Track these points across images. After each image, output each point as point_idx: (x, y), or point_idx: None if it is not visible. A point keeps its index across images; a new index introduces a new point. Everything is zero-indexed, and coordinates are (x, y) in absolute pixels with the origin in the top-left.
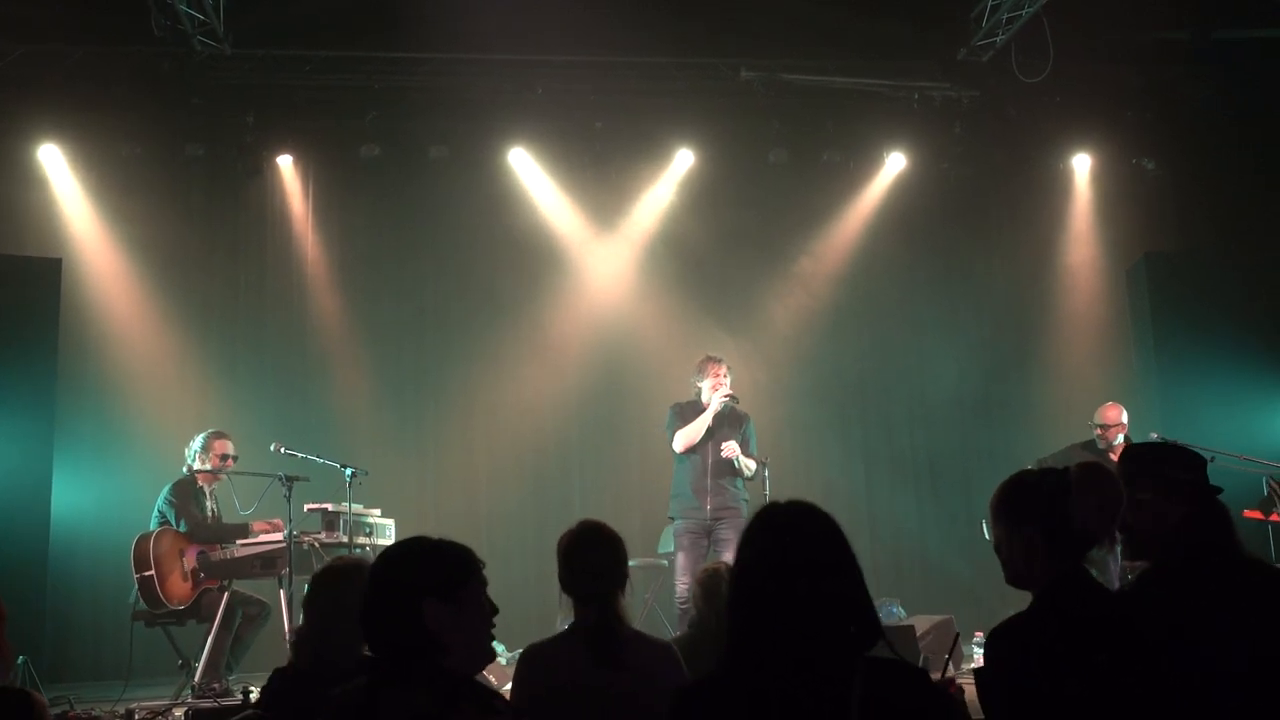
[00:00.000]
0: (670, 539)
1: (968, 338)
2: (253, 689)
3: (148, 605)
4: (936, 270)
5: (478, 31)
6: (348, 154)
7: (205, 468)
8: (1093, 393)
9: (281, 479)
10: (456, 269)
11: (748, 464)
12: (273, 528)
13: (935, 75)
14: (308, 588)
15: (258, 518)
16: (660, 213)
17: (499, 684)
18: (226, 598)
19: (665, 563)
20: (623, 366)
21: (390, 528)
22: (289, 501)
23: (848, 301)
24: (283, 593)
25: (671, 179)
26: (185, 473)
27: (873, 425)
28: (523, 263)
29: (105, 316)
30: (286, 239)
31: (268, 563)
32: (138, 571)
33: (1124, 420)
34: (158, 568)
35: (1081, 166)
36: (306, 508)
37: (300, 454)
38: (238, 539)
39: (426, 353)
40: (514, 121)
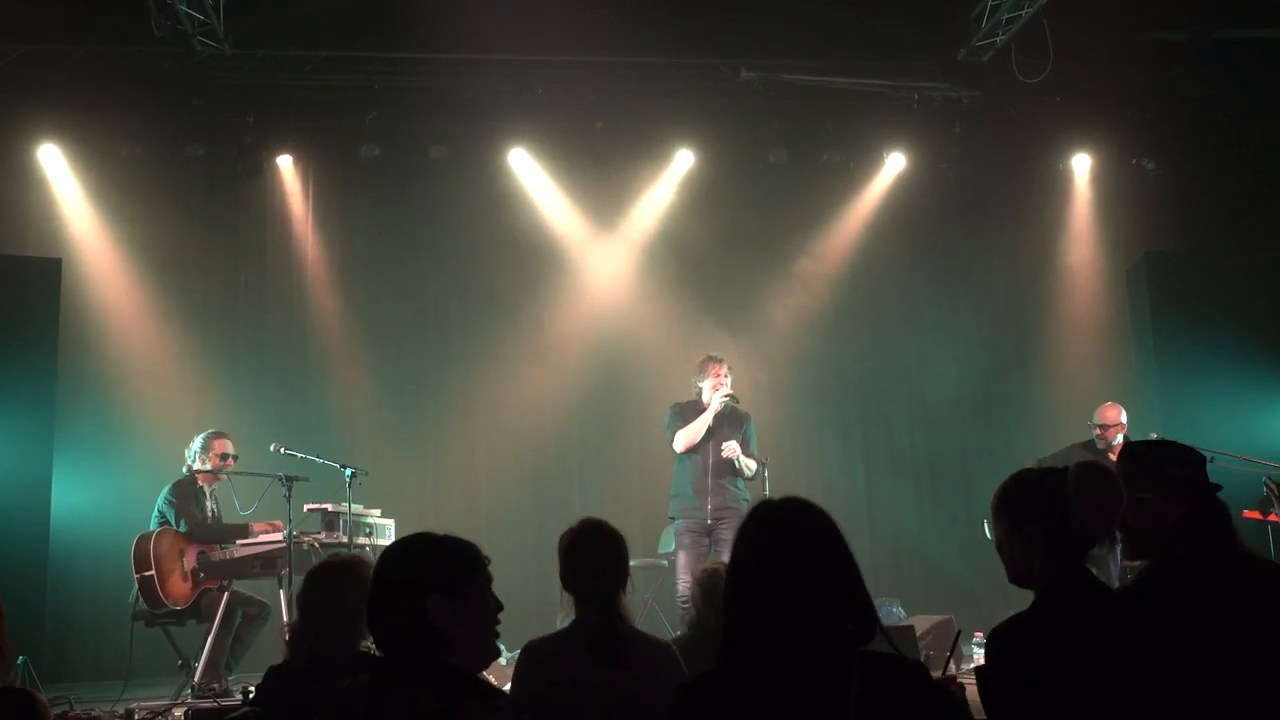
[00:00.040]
0: (670, 539)
1: (968, 338)
2: (252, 689)
3: (148, 605)
4: (936, 270)
5: (478, 32)
6: (348, 154)
7: (205, 468)
8: (1093, 393)
9: (281, 479)
10: (456, 269)
11: (748, 464)
12: (273, 529)
13: (935, 75)
14: (302, 584)
15: (258, 518)
16: (660, 213)
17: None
18: (226, 598)
19: (665, 563)
20: (623, 366)
21: (390, 528)
22: (289, 502)
23: (848, 301)
24: (283, 593)
25: (671, 179)
26: (185, 473)
27: (873, 425)
28: (523, 263)
29: (105, 316)
30: (286, 239)
31: (268, 563)
32: (138, 571)
33: (1123, 420)
34: (158, 567)
35: (1081, 166)
36: (306, 508)
37: (300, 454)
38: (238, 539)
39: (426, 353)
40: (514, 122)
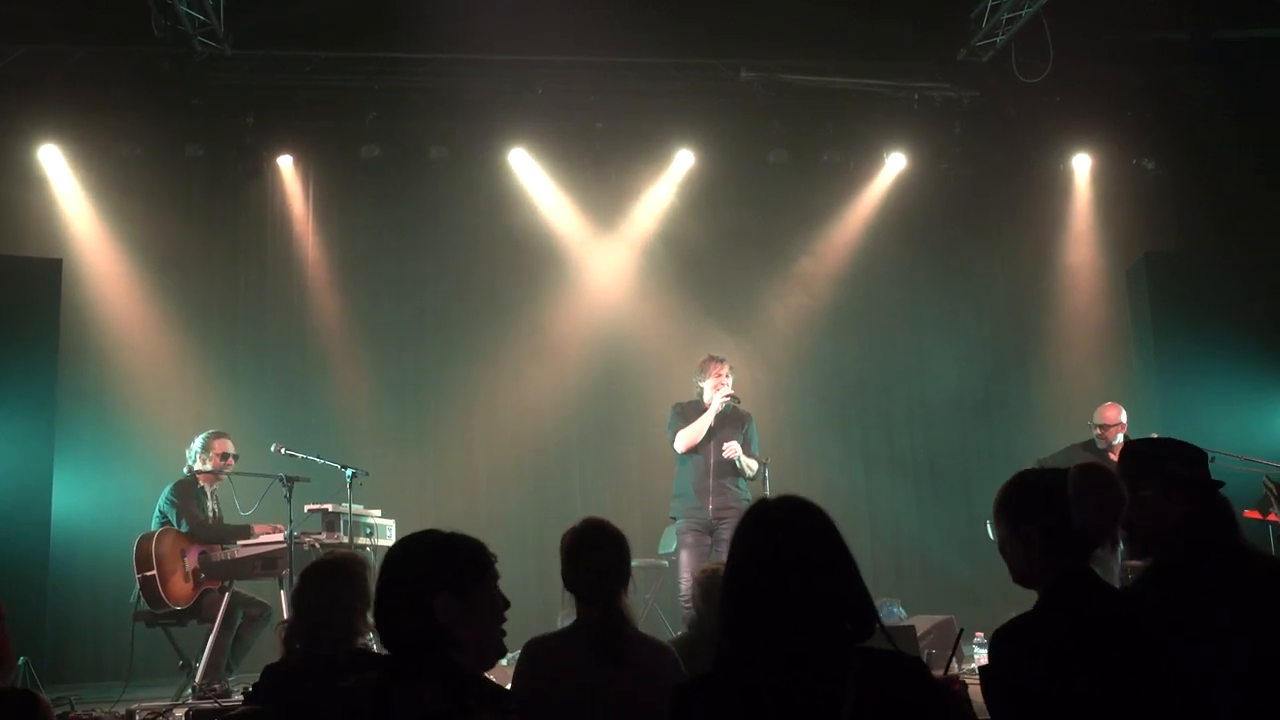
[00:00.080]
0: (671, 539)
1: (968, 338)
2: (252, 689)
3: (149, 605)
4: (936, 270)
5: (478, 32)
6: (348, 155)
7: (206, 468)
8: (1093, 393)
9: (282, 480)
10: (456, 269)
11: (749, 464)
12: (274, 530)
13: (935, 75)
14: (297, 582)
15: (258, 518)
16: (660, 213)
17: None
18: (228, 598)
19: (666, 563)
20: (623, 366)
21: (391, 528)
22: (289, 502)
23: (848, 301)
24: (284, 594)
25: (672, 179)
26: (186, 473)
27: (873, 425)
28: (523, 263)
29: (105, 317)
30: (287, 239)
31: (268, 563)
32: (140, 571)
33: (1123, 420)
34: (160, 568)
35: (1081, 166)
36: (307, 508)
37: (301, 455)
38: (239, 540)
39: (426, 353)
40: (514, 122)
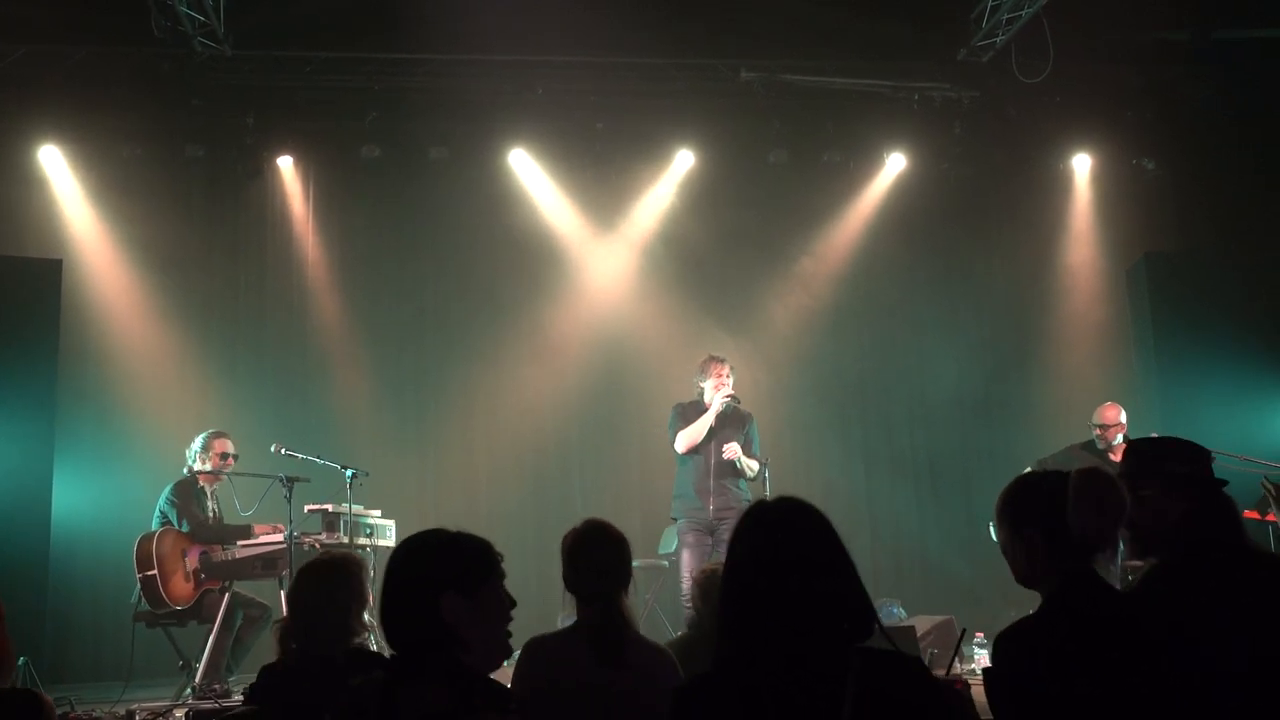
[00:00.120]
0: (671, 539)
1: (968, 338)
2: None
3: (150, 605)
4: (936, 270)
5: (478, 32)
6: (348, 155)
7: (205, 468)
8: (1093, 393)
9: (282, 480)
10: (456, 270)
11: (750, 464)
12: (274, 531)
13: (935, 76)
14: (293, 582)
15: (258, 519)
16: (660, 213)
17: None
18: (228, 599)
19: (666, 563)
20: (623, 367)
21: (391, 528)
22: (289, 502)
23: (848, 301)
24: (283, 594)
25: (672, 179)
26: (186, 473)
27: (873, 425)
28: (523, 263)
29: (106, 317)
30: (287, 240)
31: (268, 564)
32: (140, 571)
33: (1123, 420)
34: (160, 567)
35: (1081, 167)
36: (307, 509)
37: (301, 455)
38: (239, 540)
39: (426, 353)
40: (514, 122)
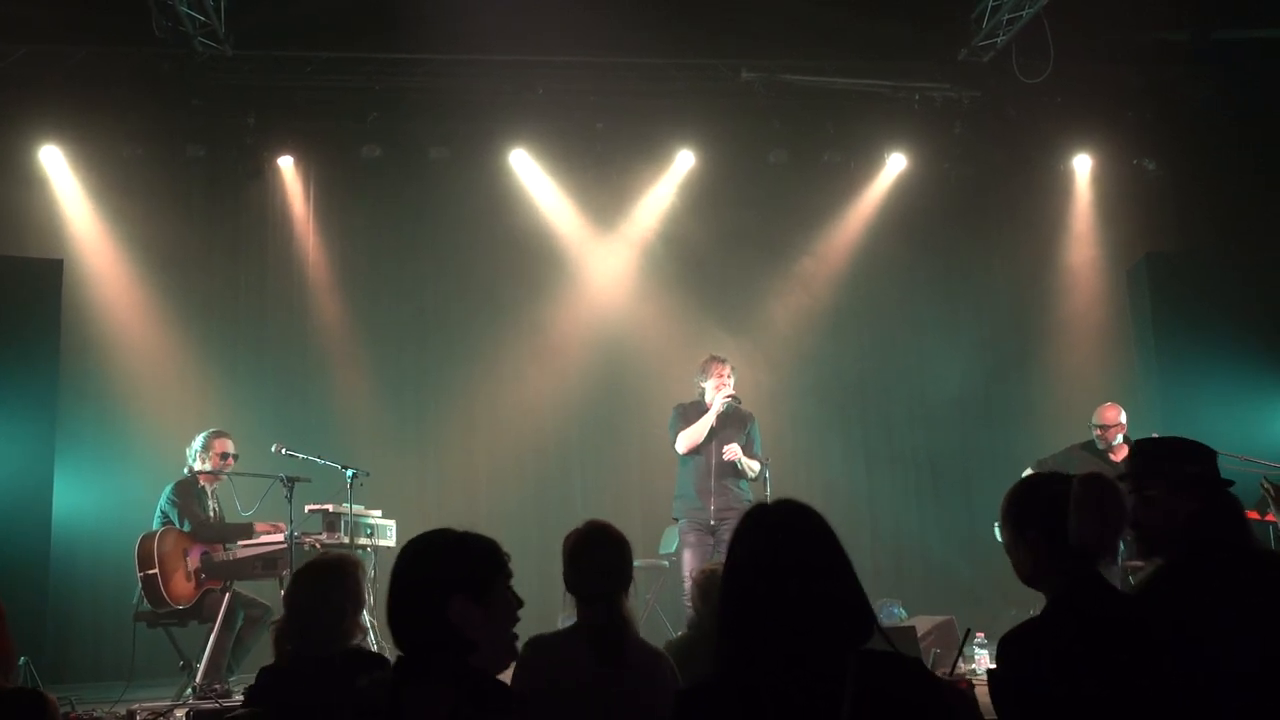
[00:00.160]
0: (672, 539)
1: (968, 338)
2: None
3: (151, 605)
4: (936, 270)
5: (478, 32)
6: (348, 155)
7: (206, 468)
8: (1093, 393)
9: (283, 480)
10: (457, 270)
11: (750, 465)
12: (275, 530)
13: (936, 76)
14: (289, 583)
15: (259, 519)
16: (661, 213)
17: None
18: (229, 599)
19: (666, 563)
20: (623, 367)
21: (391, 529)
22: (290, 503)
23: (848, 301)
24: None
25: (672, 180)
26: (187, 473)
27: (873, 425)
28: (523, 263)
29: (106, 317)
30: (287, 240)
31: (269, 564)
32: (141, 570)
33: (1123, 420)
34: (161, 567)
35: (1082, 167)
36: (308, 509)
37: (301, 455)
38: (241, 539)
39: (427, 353)
40: (514, 122)
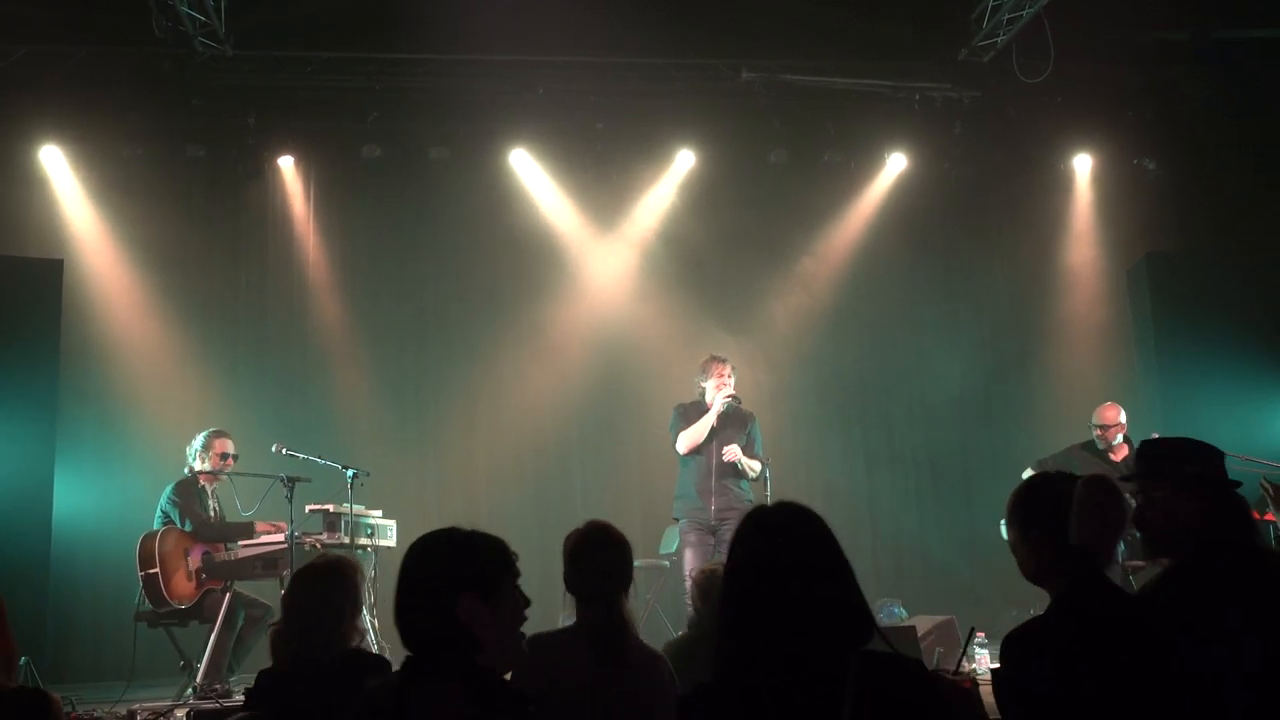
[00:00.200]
0: (673, 539)
1: (968, 338)
2: None
3: (152, 604)
4: (936, 270)
5: (478, 32)
6: (349, 155)
7: (206, 468)
8: (1093, 393)
9: (283, 480)
10: (457, 270)
11: (751, 465)
12: (275, 529)
13: (936, 76)
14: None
15: (259, 519)
16: (661, 213)
17: None
18: (229, 598)
19: (667, 563)
20: (623, 367)
21: (392, 529)
22: (290, 503)
23: (848, 301)
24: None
25: (672, 180)
26: (187, 473)
27: (873, 425)
28: (523, 263)
29: (107, 317)
30: (287, 240)
31: (269, 564)
32: (142, 569)
33: (1122, 420)
34: (162, 566)
35: (1082, 167)
36: (308, 509)
37: (301, 455)
38: (242, 538)
39: (427, 353)
40: (515, 122)
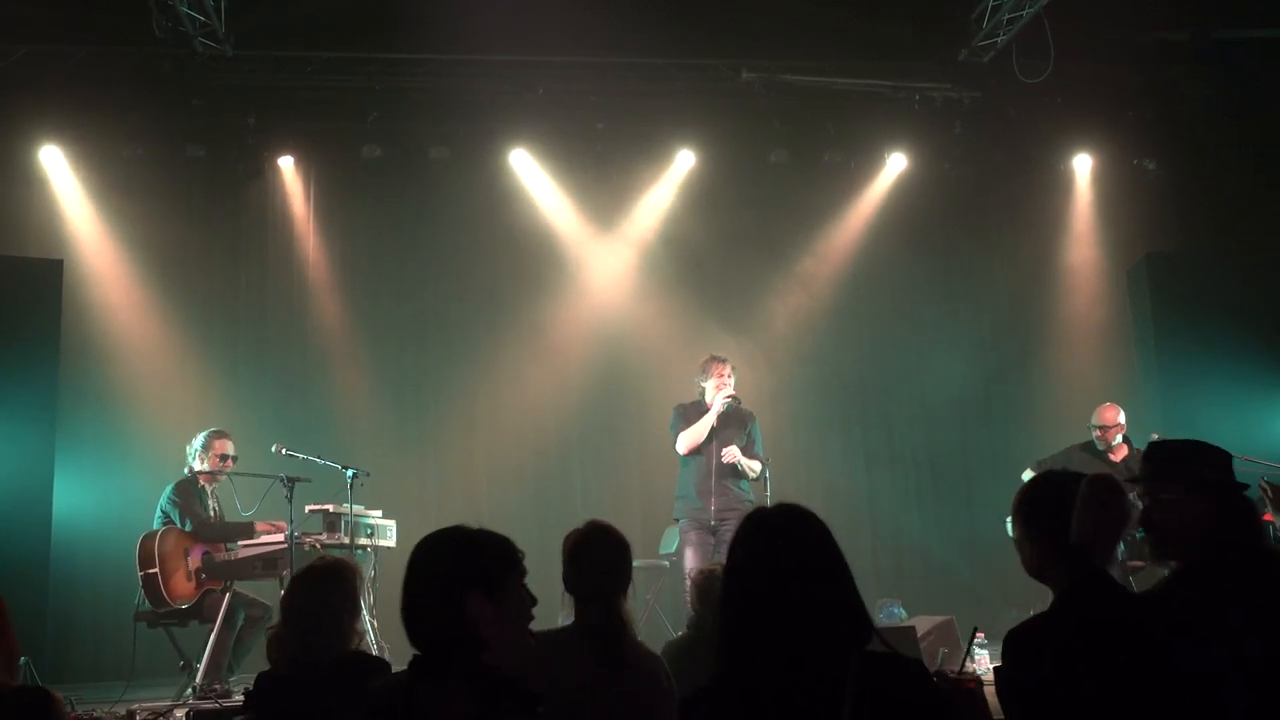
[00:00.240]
0: (673, 540)
1: (968, 338)
2: None
3: (151, 604)
4: (936, 270)
5: (478, 32)
6: (349, 155)
7: (205, 468)
8: (1093, 393)
9: (283, 480)
10: (457, 270)
11: (750, 465)
12: (275, 529)
13: (936, 76)
14: (287, 588)
15: (259, 519)
16: (661, 213)
17: None
18: (229, 599)
19: (666, 563)
20: (623, 367)
21: (392, 529)
22: (290, 503)
23: (848, 301)
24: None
25: (672, 180)
26: (187, 473)
27: (873, 425)
28: (523, 263)
29: (107, 317)
30: (287, 240)
31: (269, 564)
32: (142, 569)
33: (1121, 420)
34: (162, 566)
35: (1082, 167)
36: (308, 509)
37: (301, 455)
38: (242, 538)
39: (427, 353)
40: (515, 122)
